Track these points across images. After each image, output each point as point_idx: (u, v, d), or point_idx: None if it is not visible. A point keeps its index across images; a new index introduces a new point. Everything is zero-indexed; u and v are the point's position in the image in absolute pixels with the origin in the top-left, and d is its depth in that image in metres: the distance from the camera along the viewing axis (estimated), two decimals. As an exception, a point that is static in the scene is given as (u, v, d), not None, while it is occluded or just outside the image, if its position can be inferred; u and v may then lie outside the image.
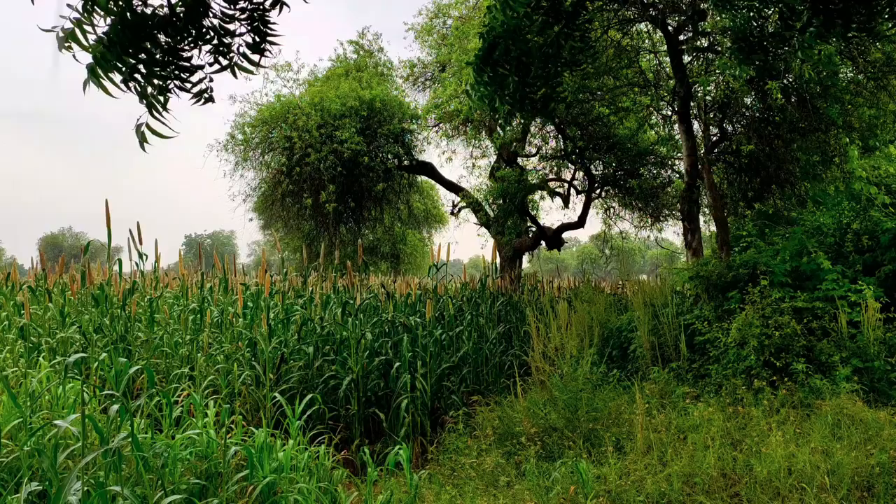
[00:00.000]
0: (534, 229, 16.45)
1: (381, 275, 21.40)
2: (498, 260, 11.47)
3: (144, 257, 7.54)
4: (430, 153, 48.27)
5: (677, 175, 15.82)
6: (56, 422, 3.55)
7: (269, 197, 16.69)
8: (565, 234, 16.76)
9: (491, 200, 15.84)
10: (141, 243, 7.44)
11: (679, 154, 14.75)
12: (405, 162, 16.78)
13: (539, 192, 16.35)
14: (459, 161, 25.97)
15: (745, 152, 12.87)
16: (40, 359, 5.73)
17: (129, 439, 3.69)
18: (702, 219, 13.12)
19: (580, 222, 16.05)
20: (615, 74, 12.03)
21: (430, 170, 17.69)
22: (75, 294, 8.02)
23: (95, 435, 3.74)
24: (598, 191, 16.41)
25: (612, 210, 18.10)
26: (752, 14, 5.51)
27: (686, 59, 11.47)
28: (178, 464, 4.16)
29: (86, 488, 3.37)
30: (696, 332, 7.26)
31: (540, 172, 16.39)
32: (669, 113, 13.49)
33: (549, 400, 6.44)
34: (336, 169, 14.76)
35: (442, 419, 7.11)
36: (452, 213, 18.03)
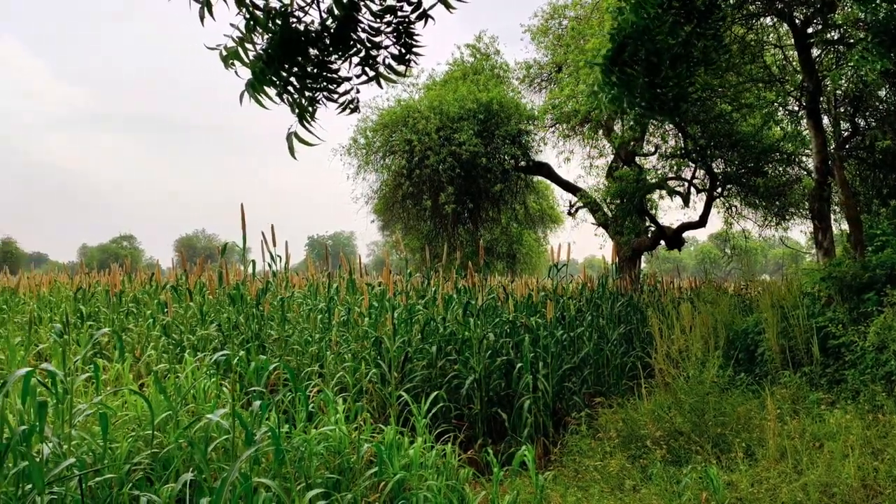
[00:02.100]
0: (653, 229, 16.12)
1: (497, 275, 21.56)
2: (616, 260, 11.34)
3: (277, 258, 8.01)
4: (547, 154, 48.01)
5: (805, 172, 15.05)
6: (208, 416, 3.82)
7: (389, 199, 17.22)
8: (684, 234, 16.33)
9: (609, 200, 15.66)
10: (274, 245, 7.90)
11: (807, 150, 14.05)
12: (522, 163, 16.86)
13: (658, 191, 16.01)
14: (576, 161, 25.74)
15: (880, 148, 12.10)
16: (185, 355, 6.17)
17: (270, 434, 3.92)
18: (832, 217, 12.44)
19: (701, 222, 15.57)
20: (738, 70, 11.62)
21: (546, 170, 17.68)
22: (213, 293, 8.60)
23: (239, 429, 4.01)
24: (719, 189, 15.86)
25: (734, 209, 17.44)
26: (894, 7, 5.22)
27: (815, 52, 10.92)
28: (313, 458, 4.34)
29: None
30: (830, 335, 6.93)
31: (659, 171, 16.05)
32: (796, 108, 12.88)
33: (675, 403, 6.35)
34: (454, 171, 15.05)
35: (564, 420, 7.15)
36: (569, 214, 17.95)
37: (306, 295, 9.53)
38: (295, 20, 3.47)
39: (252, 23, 3.36)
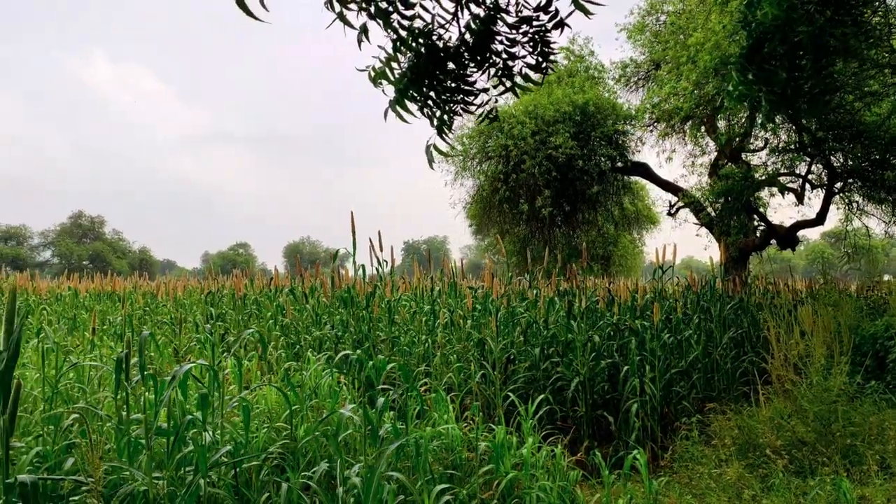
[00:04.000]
0: (762, 228, 15.43)
1: (593, 277, 21.29)
2: (723, 261, 10.91)
3: (384, 263, 8.16)
4: (646, 153, 46.86)
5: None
6: (341, 410, 3.98)
7: (486, 203, 17.30)
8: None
9: (713, 199, 15.11)
10: (381, 250, 8.06)
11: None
12: (619, 163, 16.56)
13: (767, 188, 15.32)
14: (677, 160, 25.04)
15: None
16: (308, 353, 6.40)
17: (392, 430, 4.06)
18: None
19: (819, 219, 14.75)
20: (860, 56, 10.91)
21: (644, 170, 17.29)
22: (327, 296, 8.89)
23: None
24: (839, 184, 14.96)
25: (855, 205, 16.41)
26: None
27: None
28: (428, 454, 4.42)
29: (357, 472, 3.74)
30: (974, 340, 6.41)
31: (769, 167, 15.34)
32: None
33: (796, 411, 6.03)
34: (551, 174, 14.95)
35: (674, 425, 6.94)
36: (669, 214, 17.45)
37: (410, 298, 9.69)
38: (436, 37, 3.57)
39: (398, 43, 3.49)
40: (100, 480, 3.20)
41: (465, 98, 3.75)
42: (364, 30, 3.42)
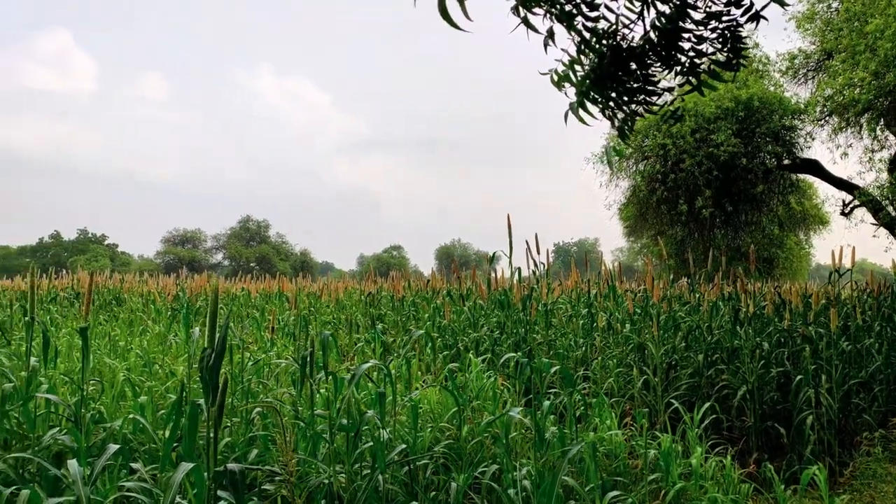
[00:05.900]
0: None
1: (757, 281, 20.21)
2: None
3: (541, 265, 8.28)
4: (816, 149, 43.72)
5: None
6: (511, 413, 4.12)
7: (642, 204, 16.95)
8: None
9: (894, 198, 13.92)
10: (538, 252, 8.18)
11: None
12: (786, 161, 15.67)
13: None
14: (852, 156, 23.16)
15: None
16: (470, 356, 6.63)
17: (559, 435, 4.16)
18: None
19: None
20: None
21: (814, 167, 16.22)
22: (484, 298, 9.11)
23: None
24: None
25: None
26: None
27: None
28: (592, 460, 4.48)
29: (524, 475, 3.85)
30: None
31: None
32: None
33: None
34: (712, 173, 14.44)
35: (855, 440, 6.53)
36: (843, 214, 16.25)
37: (566, 300, 9.72)
38: (619, 37, 3.59)
39: (582, 46, 3.55)
40: (294, 472, 3.50)
41: (647, 98, 3.71)
42: (551, 33, 3.44)
